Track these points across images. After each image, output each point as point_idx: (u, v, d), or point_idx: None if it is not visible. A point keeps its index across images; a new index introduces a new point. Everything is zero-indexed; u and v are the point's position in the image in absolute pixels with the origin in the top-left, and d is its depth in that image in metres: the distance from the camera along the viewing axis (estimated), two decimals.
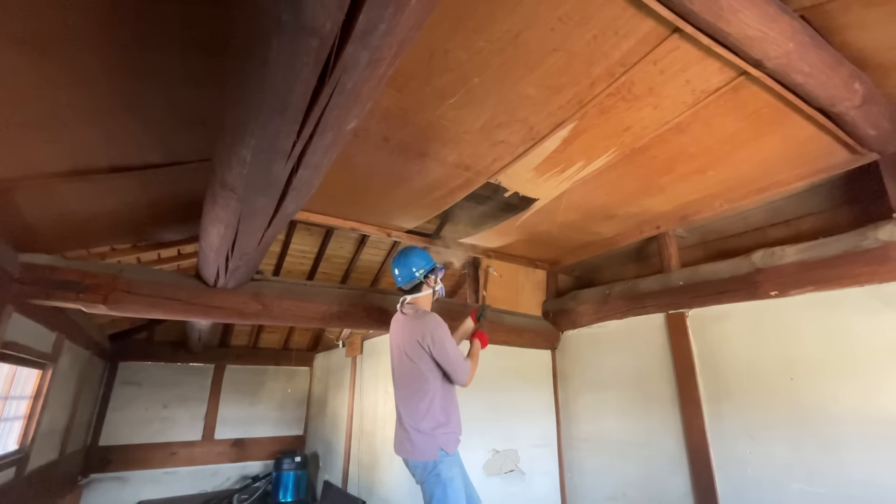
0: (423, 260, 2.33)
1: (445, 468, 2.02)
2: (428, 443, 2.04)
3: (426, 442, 2.04)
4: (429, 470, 2.02)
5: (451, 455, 2.07)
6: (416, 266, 2.29)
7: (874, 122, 1.80)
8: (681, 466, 2.72)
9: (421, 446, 2.04)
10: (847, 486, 2.06)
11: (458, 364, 2.11)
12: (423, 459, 2.03)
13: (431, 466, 2.02)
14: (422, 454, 2.03)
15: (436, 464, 2.02)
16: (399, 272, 2.31)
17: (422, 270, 2.29)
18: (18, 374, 2.87)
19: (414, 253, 2.34)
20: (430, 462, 2.02)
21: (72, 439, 4.13)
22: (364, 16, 0.71)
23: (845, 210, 2.49)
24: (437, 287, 2.37)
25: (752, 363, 2.51)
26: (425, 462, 2.03)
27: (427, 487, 2.04)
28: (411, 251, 2.35)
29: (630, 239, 3.25)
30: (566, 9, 1.37)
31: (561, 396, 3.69)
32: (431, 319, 2.15)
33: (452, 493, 1.99)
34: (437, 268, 2.37)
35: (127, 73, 1.34)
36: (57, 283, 2.26)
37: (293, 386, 6.52)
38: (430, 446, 2.03)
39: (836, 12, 1.42)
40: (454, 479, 2.02)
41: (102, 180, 1.85)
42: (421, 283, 2.30)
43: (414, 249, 2.36)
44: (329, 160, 1.20)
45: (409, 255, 2.32)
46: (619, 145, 2.10)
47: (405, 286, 2.32)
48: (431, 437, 2.04)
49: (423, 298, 2.33)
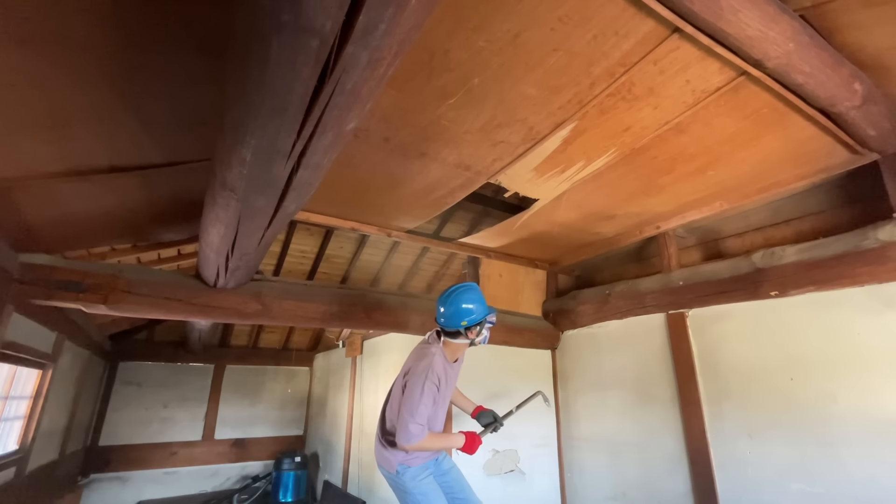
0: (476, 309, 2.06)
1: (409, 479, 2.04)
2: (391, 456, 2.08)
3: (390, 455, 2.08)
4: (393, 480, 2.09)
5: (415, 467, 2.07)
6: (466, 317, 2.05)
7: (874, 122, 1.80)
8: (681, 466, 2.72)
9: (386, 457, 2.09)
10: (847, 486, 2.06)
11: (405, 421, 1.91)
12: (385, 468, 2.10)
13: (393, 477, 2.07)
14: (386, 463, 2.10)
15: (398, 475, 2.05)
16: (445, 311, 2.09)
17: (465, 322, 2.05)
18: (18, 374, 2.87)
19: (468, 298, 2.08)
20: (391, 474, 2.08)
21: (72, 439, 4.13)
22: (364, 16, 0.71)
23: (845, 210, 2.49)
24: (479, 339, 2.13)
25: (752, 363, 2.51)
26: (387, 472, 2.09)
27: (399, 498, 2.12)
28: (466, 294, 2.09)
29: (630, 239, 3.25)
30: (566, 9, 1.37)
31: (561, 396, 3.69)
32: (426, 363, 2.02)
33: (422, 498, 2.02)
34: (486, 320, 2.11)
35: (127, 73, 1.34)
36: (57, 283, 2.26)
37: (293, 386, 6.52)
38: (392, 459, 2.07)
39: (836, 12, 1.42)
40: (427, 493, 2.03)
41: (102, 180, 1.85)
42: (461, 332, 2.08)
43: (469, 292, 2.10)
44: (329, 160, 1.20)
45: (464, 298, 2.07)
46: (620, 145, 2.10)
47: (447, 328, 2.11)
48: (393, 454, 2.08)
49: (456, 347, 2.15)
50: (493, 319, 2.15)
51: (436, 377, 2.00)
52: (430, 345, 2.15)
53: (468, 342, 2.13)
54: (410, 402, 1.94)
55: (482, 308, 2.10)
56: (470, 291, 2.11)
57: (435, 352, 2.07)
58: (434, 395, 1.99)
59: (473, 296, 2.11)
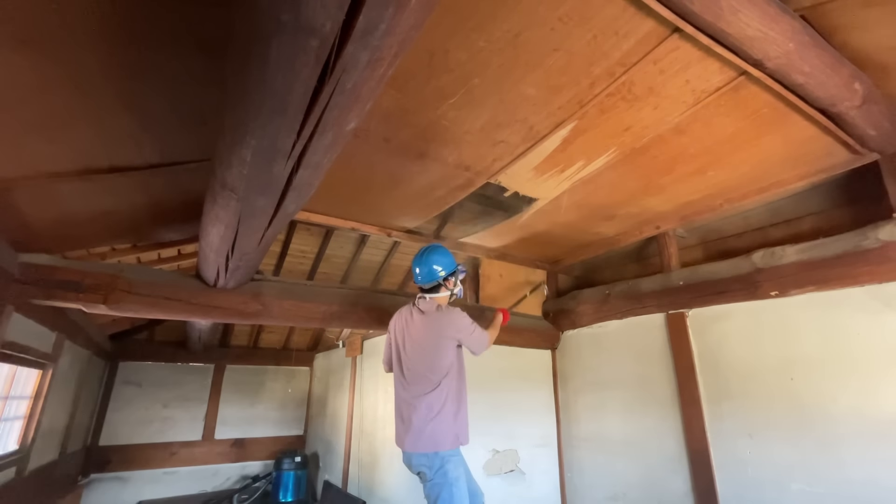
0: (447, 260, 2.31)
1: (453, 467, 2.02)
2: (446, 432, 2.05)
3: (444, 432, 2.05)
4: (436, 466, 2.02)
5: (458, 454, 2.09)
6: (440, 265, 2.27)
7: (874, 122, 1.80)
8: (681, 466, 2.72)
9: (440, 436, 2.04)
10: (847, 486, 2.06)
11: (482, 340, 2.26)
12: (437, 450, 2.03)
13: (439, 463, 2.01)
14: (437, 444, 2.04)
15: (447, 458, 2.02)
16: (420, 270, 2.30)
17: (443, 272, 2.28)
18: (18, 374, 2.87)
19: (438, 252, 2.31)
20: (440, 454, 2.02)
21: (72, 439, 4.13)
22: (364, 16, 0.71)
23: (845, 210, 2.49)
24: (456, 290, 2.36)
25: (752, 363, 2.51)
26: (436, 454, 2.02)
27: (433, 487, 2.02)
28: (435, 250, 2.32)
29: (630, 239, 3.25)
30: (566, 9, 1.37)
31: (561, 396, 3.69)
32: (456, 313, 2.21)
33: (458, 493, 2.00)
34: (458, 270, 2.35)
35: (127, 73, 1.34)
36: (57, 283, 2.26)
37: (293, 386, 6.51)
38: (448, 435, 2.05)
39: (836, 12, 1.42)
40: (459, 478, 2.02)
41: (102, 180, 1.85)
42: (440, 284, 2.29)
43: (438, 249, 2.34)
44: (329, 160, 1.20)
45: (433, 253, 2.30)
46: (620, 145, 2.10)
47: (425, 285, 2.31)
48: (450, 427, 2.07)
49: (441, 299, 2.32)
50: (465, 270, 2.45)
51: (459, 310, 2.23)
52: (427, 307, 2.27)
53: (448, 293, 2.33)
54: (472, 335, 2.22)
55: (452, 260, 2.35)
56: (437, 248, 2.35)
57: (438, 304, 2.27)
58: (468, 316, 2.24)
59: (440, 250, 2.34)
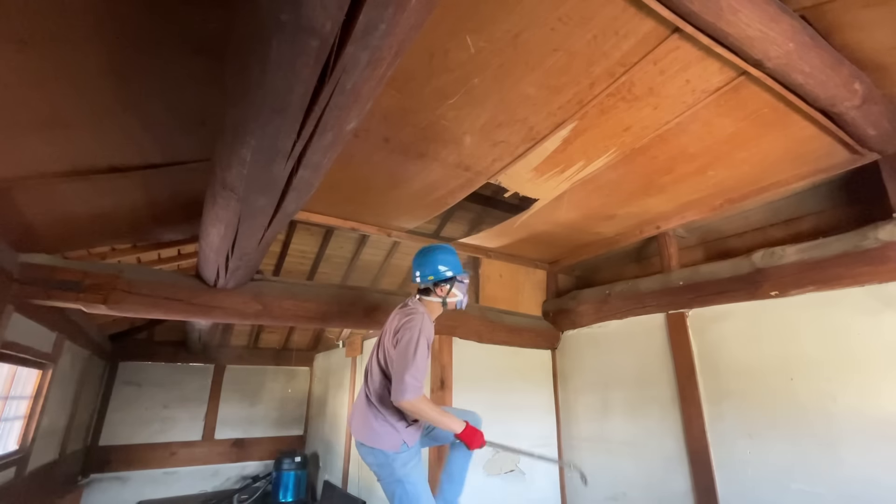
0: (448, 264, 2.06)
1: (401, 464, 1.90)
2: (390, 434, 1.91)
3: (388, 433, 1.91)
4: (381, 463, 1.91)
5: (409, 451, 1.94)
6: (430, 272, 2.04)
7: (874, 122, 1.80)
8: (681, 466, 2.72)
9: (384, 435, 1.91)
10: (847, 486, 2.06)
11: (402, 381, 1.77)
12: (379, 447, 1.90)
13: (384, 459, 1.90)
14: (379, 441, 1.90)
15: (394, 457, 1.89)
16: (419, 271, 2.09)
17: (432, 277, 2.04)
18: (18, 374, 2.87)
19: (439, 252, 2.08)
20: (385, 452, 1.89)
21: (72, 439, 4.13)
22: (364, 16, 0.71)
23: (845, 210, 2.49)
24: (451, 299, 2.08)
25: (752, 363, 2.51)
26: (381, 451, 1.90)
27: (385, 486, 1.95)
28: (437, 250, 2.09)
29: (630, 239, 3.25)
30: (566, 9, 1.37)
31: (561, 396, 3.69)
32: (417, 318, 1.92)
33: (412, 487, 1.89)
34: (456, 279, 2.08)
35: (127, 73, 1.34)
36: (57, 283, 2.26)
37: (293, 386, 6.51)
38: (391, 437, 1.91)
39: (836, 12, 1.42)
40: (409, 473, 1.91)
41: (102, 180, 1.85)
42: (429, 288, 2.08)
43: (441, 249, 2.11)
44: (329, 160, 1.20)
45: (434, 253, 2.08)
46: (620, 145, 2.10)
47: (420, 285, 2.10)
48: (392, 432, 1.92)
49: (431, 304, 2.08)
50: (466, 280, 2.13)
51: (428, 332, 1.92)
52: (412, 306, 2.04)
53: (439, 300, 2.07)
54: (405, 358, 1.81)
55: (456, 264, 2.08)
56: (443, 250, 2.10)
57: (422, 311, 2.00)
58: (427, 351, 1.88)
59: (445, 251, 2.10)
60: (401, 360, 1.82)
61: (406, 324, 1.91)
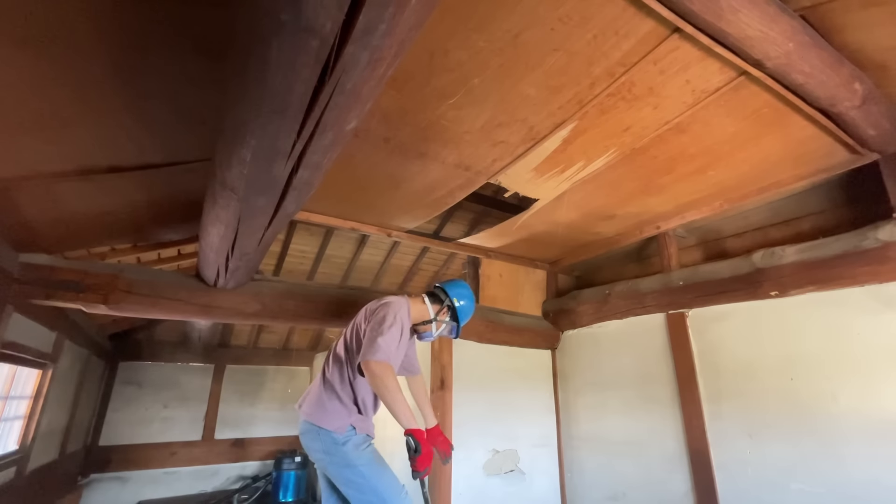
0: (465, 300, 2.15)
1: (352, 447, 1.78)
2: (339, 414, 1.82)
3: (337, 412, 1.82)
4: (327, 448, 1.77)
5: (361, 434, 1.86)
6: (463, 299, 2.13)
7: (874, 122, 1.80)
8: (681, 466, 2.72)
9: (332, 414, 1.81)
10: (847, 486, 2.06)
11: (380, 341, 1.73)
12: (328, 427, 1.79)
13: (330, 443, 1.77)
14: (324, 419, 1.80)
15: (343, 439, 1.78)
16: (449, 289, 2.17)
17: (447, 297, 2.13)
18: (18, 374, 2.87)
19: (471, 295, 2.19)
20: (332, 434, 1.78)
21: (72, 439, 4.13)
22: (364, 16, 0.71)
23: (845, 210, 2.49)
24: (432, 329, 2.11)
25: (752, 363, 2.51)
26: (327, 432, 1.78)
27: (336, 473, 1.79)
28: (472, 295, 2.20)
29: (630, 239, 3.25)
30: (566, 9, 1.37)
31: (561, 396, 3.69)
32: (398, 303, 1.95)
33: (367, 469, 1.76)
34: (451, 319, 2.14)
35: (127, 73, 1.34)
36: (57, 283, 2.26)
37: (293, 386, 6.51)
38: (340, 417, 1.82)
39: (836, 12, 1.42)
40: (362, 456, 1.79)
41: (102, 180, 1.86)
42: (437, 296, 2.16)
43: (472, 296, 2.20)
44: (329, 160, 1.20)
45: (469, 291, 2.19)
46: (620, 145, 2.10)
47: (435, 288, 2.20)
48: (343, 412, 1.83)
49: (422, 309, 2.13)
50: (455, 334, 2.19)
51: (404, 318, 1.91)
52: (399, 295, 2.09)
53: (429, 317, 2.09)
54: (380, 326, 1.79)
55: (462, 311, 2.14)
56: (472, 298, 2.20)
57: (406, 302, 2.01)
58: (399, 335, 1.84)
59: (471, 302, 2.18)
60: (375, 327, 1.80)
61: (386, 305, 1.94)
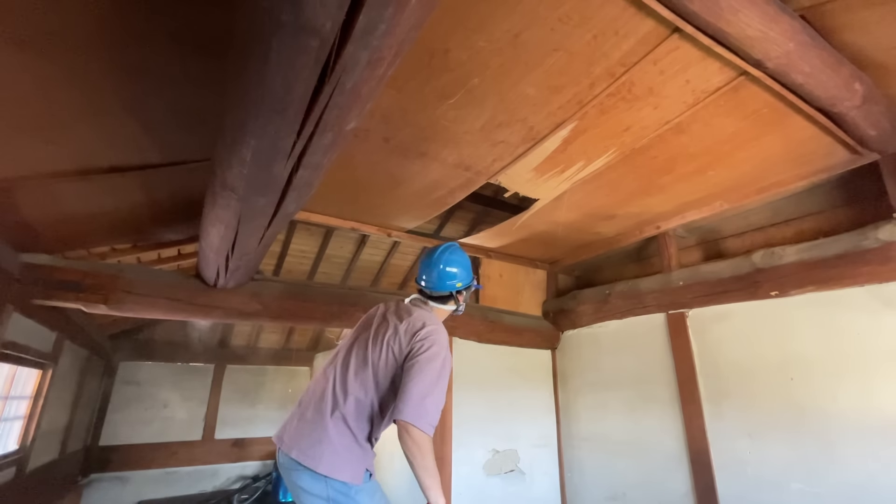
0: (466, 269, 1.83)
1: (365, 498, 1.45)
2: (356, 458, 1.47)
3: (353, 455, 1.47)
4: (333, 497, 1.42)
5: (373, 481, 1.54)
6: (457, 277, 1.79)
7: (874, 122, 1.80)
8: (681, 466, 2.72)
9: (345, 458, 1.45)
10: (847, 486, 2.06)
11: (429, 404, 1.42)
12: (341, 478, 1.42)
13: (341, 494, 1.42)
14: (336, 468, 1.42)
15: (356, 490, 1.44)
16: (429, 275, 1.79)
17: (460, 284, 1.79)
18: (18, 374, 2.87)
19: (457, 255, 1.83)
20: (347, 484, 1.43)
21: (72, 439, 4.13)
22: (364, 16, 0.71)
23: (845, 210, 2.49)
24: (462, 307, 1.86)
25: (752, 363, 2.51)
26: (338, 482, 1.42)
27: None
28: (455, 252, 1.84)
29: (630, 239, 3.25)
30: (566, 9, 1.37)
31: (561, 396, 3.69)
32: (443, 334, 1.62)
33: None
34: (472, 286, 1.88)
35: (127, 73, 1.34)
36: (57, 283, 2.26)
37: (293, 386, 6.52)
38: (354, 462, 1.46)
39: (836, 12, 1.42)
40: None
41: (102, 180, 1.86)
42: (451, 296, 1.80)
43: (457, 251, 1.85)
44: (329, 160, 1.20)
45: (453, 255, 1.82)
46: (620, 145, 2.10)
47: (433, 293, 1.80)
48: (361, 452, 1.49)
49: (442, 312, 1.82)
50: (479, 286, 1.97)
51: (449, 360, 1.56)
52: (426, 311, 1.73)
53: (453, 309, 1.82)
54: (429, 376, 1.46)
55: (469, 270, 1.86)
56: (457, 252, 1.85)
57: (444, 332, 1.65)
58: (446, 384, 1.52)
59: (462, 258, 1.85)
60: (424, 376, 1.46)
61: (434, 335, 1.58)
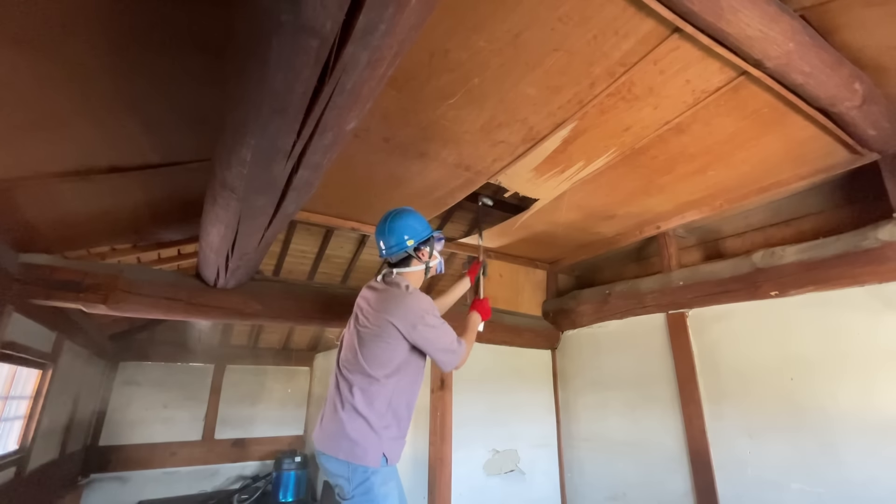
0: (418, 226, 1.87)
1: (380, 481, 1.62)
2: (371, 443, 1.63)
3: (369, 442, 1.62)
4: (357, 481, 1.61)
5: (390, 466, 1.69)
6: (409, 234, 1.84)
7: (874, 122, 1.80)
8: (681, 466, 2.72)
9: (362, 445, 1.62)
10: (847, 486, 2.06)
11: (449, 350, 1.73)
12: (357, 462, 1.61)
13: (362, 476, 1.61)
14: (354, 454, 1.61)
15: (372, 472, 1.61)
16: (385, 241, 1.86)
17: (412, 240, 1.84)
18: (18, 374, 2.87)
19: (404, 215, 1.88)
20: (362, 468, 1.61)
21: (72, 439, 4.13)
22: (364, 16, 0.71)
23: (845, 210, 2.49)
24: (433, 262, 1.93)
25: (752, 363, 2.51)
26: (356, 466, 1.61)
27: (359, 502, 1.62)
28: (400, 214, 1.88)
29: (630, 239, 3.25)
30: (566, 9, 1.37)
31: (561, 396, 3.69)
32: (414, 300, 1.72)
33: None
34: (433, 237, 1.92)
35: (127, 73, 1.34)
36: (57, 283, 2.26)
37: (293, 386, 6.51)
38: (373, 448, 1.62)
39: (836, 12, 1.42)
40: (389, 495, 1.64)
41: (102, 180, 1.86)
42: (410, 255, 1.86)
43: (405, 212, 1.90)
44: (329, 160, 1.20)
45: (398, 218, 1.86)
46: (620, 145, 2.10)
47: (391, 258, 1.87)
48: (377, 438, 1.64)
49: (413, 275, 1.88)
50: (442, 237, 1.99)
51: (424, 299, 1.76)
52: (390, 280, 1.84)
53: (423, 267, 1.90)
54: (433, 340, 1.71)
55: (426, 225, 1.91)
56: (405, 211, 1.91)
57: (401, 280, 1.82)
58: (436, 311, 1.77)
59: (409, 214, 1.90)
60: (432, 340, 1.72)
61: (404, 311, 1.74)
